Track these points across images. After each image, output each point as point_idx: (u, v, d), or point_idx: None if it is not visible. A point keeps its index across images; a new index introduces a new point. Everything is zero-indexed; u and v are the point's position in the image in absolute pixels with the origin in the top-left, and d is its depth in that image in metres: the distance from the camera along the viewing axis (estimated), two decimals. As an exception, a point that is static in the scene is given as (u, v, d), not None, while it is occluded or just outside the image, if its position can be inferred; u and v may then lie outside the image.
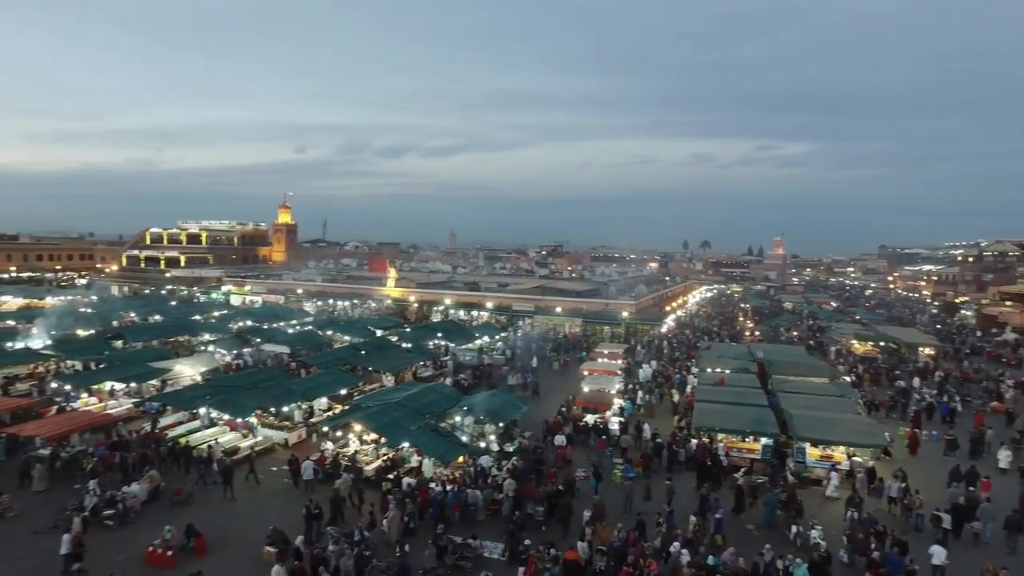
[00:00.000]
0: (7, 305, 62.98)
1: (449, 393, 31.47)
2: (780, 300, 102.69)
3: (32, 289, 77.11)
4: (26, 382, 35.58)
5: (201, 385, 32.92)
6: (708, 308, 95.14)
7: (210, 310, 61.00)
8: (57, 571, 17.24)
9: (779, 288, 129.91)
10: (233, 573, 17.84)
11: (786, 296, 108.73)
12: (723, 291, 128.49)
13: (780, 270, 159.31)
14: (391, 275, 76.61)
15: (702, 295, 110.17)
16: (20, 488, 22.91)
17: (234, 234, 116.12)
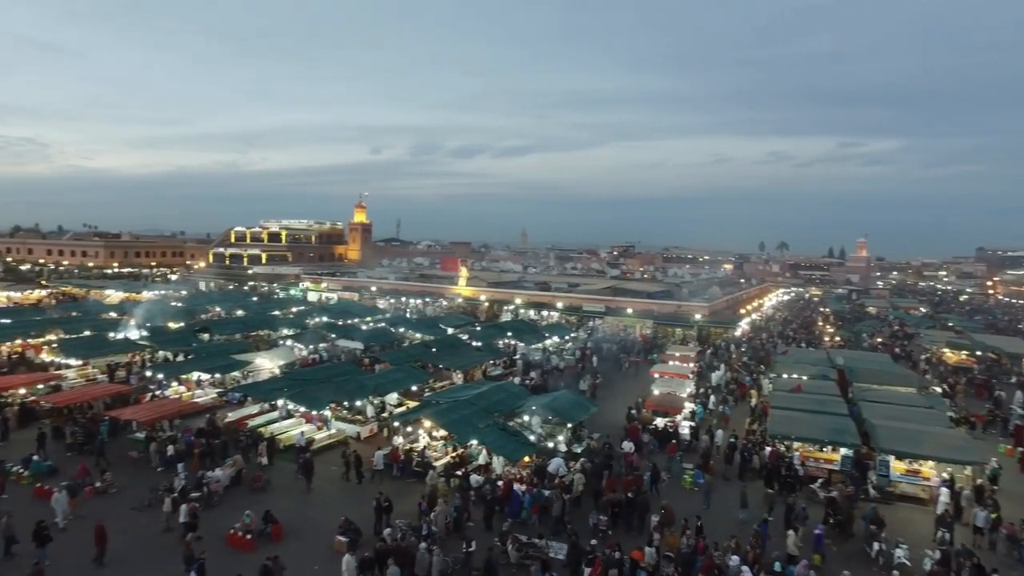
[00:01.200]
0: (111, 298, 67.46)
1: (518, 392, 31.58)
2: (863, 304, 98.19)
3: (131, 284, 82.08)
4: (124, 370, 37.94)
5: (279, 378, 34.27)
6: (785, 312, 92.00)
7: (288, 306, 63.39)
8: (154, 544, 18.94)
9: (862, 292, 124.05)
10: (307, 560, 18.45)
11: (870, 300, 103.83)
12: (801, 294, 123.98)
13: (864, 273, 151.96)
14: (463, 274, 77.57)
15: (779, 298, 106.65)
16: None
17: (312, 233, 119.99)
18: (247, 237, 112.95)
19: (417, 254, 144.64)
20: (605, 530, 20.34)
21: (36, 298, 69.22)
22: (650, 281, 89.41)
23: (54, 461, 24.73)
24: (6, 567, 17.61)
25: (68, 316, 50.70)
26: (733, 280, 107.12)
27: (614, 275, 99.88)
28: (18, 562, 17.72)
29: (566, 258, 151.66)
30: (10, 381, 33.34)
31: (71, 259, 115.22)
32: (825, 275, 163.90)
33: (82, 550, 18.24)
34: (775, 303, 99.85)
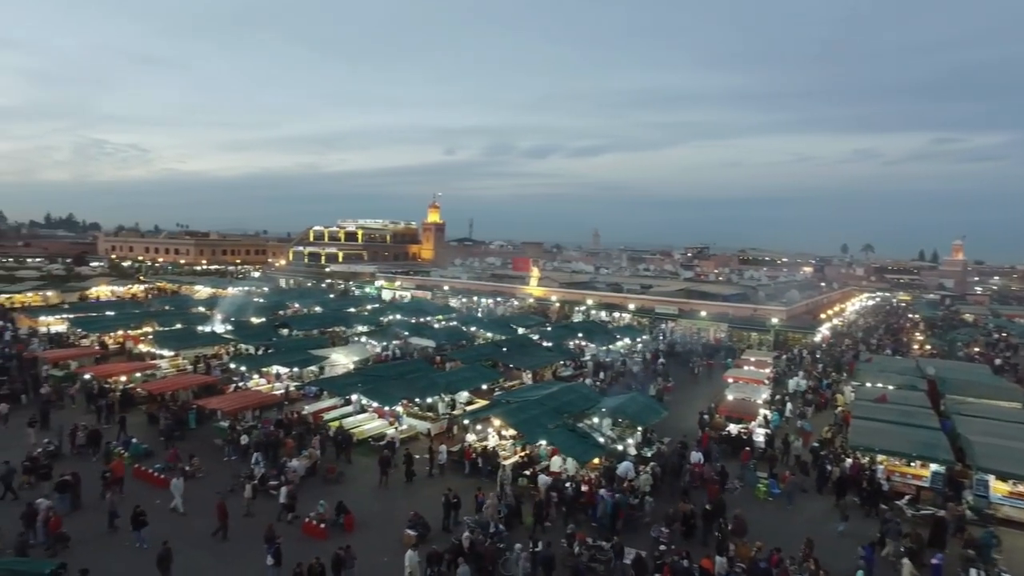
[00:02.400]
0: (199, 293, 71.19)
1: (588, 393, 31.39)
2: (958, 311, 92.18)
3: (217, 280, 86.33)
4: (211, 361, 39.94)
5: (354, 373, 35.29)
6: (869, 317, 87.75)
7: (364, 304, 65.17)
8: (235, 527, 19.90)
9: (957, 298, 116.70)
10: (377, 551, 18.94)
11: (966, 307, 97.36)
12: (888, 299, 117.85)
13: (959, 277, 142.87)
14: (534, 274, 77.71)
15: (863, 303, 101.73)
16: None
17: (387, 232, 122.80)
18: (325, 236, 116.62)
19: (489, 254, 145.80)
20: (668, 543, 19.36)
21: (135, 292, 73.80)
22: (725, 283, 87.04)
23: (149, 444, 26.39)
24: (110, 540, 18.89)
25: (162, 310, 53.89)
26: (813, 283, 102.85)
27: (688, 277, 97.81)
28: (120, 537, 19.03)
29: (639, 259, 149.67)
30: (113, 369, 35.80)
31: (165, 256, 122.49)
32: (915, 279, 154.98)
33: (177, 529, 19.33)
34: (859, 308, 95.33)
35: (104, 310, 53.74)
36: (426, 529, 19.76)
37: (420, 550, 17.88)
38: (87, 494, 21.62)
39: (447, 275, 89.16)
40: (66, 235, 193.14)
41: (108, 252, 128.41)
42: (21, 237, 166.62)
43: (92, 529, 19.53)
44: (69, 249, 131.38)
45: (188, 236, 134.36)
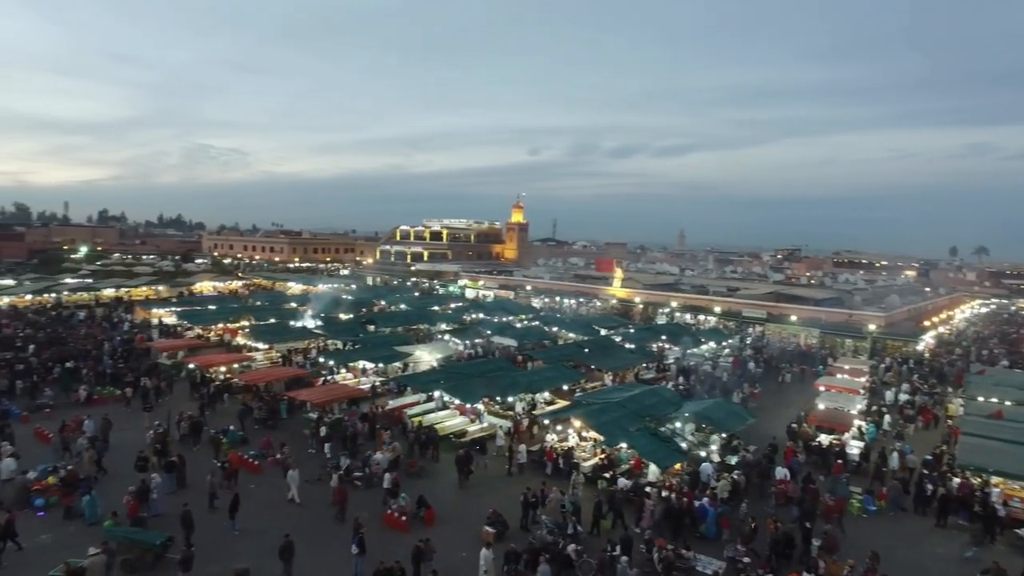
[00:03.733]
0: (292, 290, 74.44)
1: (670, 397, 30.74)
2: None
3: (308, 277, 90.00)
4: (301, 355, 41.65)
5: (437, 370, 35.91)
6: (982, 326, 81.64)
7: (447, 302, 66.29)
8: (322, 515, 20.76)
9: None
10: (455, 546, 19.16)
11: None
12: (1005, 307, 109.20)
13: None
14: (617, 275, 76.76)
15: (974, 310, 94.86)
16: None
17: (471, 232, 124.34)
18: (411, 235, 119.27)
19: (572, 254, 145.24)
20: (746, 566, 18.05)
21: (233, 288, 78.04)
22: (818, 287, 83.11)
23: (245, 432, 27.79)
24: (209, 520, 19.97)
25: (257, 305, 56.63)
26: (916, 288, 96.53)
27: (777, 280, 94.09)
28: (218, 517, 20.15)
29: (725, 261, 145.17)
30: (213, 359, 37.92)
31: (261, 254, 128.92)
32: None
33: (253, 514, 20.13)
34: (969, 316, 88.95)
35: (206, 304, 57.24)
36: (504, 527, 19.85)
37: (497, 548, 17.96)
38: (190, 476, 23.01)
39: (530, 275, 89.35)
40: (175, 234, 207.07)
41: (211, 250, 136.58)
42: (138, 236, 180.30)
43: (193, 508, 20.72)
44: (178, 247, 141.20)
45: (283, 235, 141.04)
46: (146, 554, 17.35)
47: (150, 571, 17.23)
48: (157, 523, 19.62)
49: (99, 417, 27.20)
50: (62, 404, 31.13)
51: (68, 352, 39.29)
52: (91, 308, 60.41)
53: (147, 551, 17.38)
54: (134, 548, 17.38)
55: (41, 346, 41.05)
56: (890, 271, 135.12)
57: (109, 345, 42.21)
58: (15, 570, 17.15)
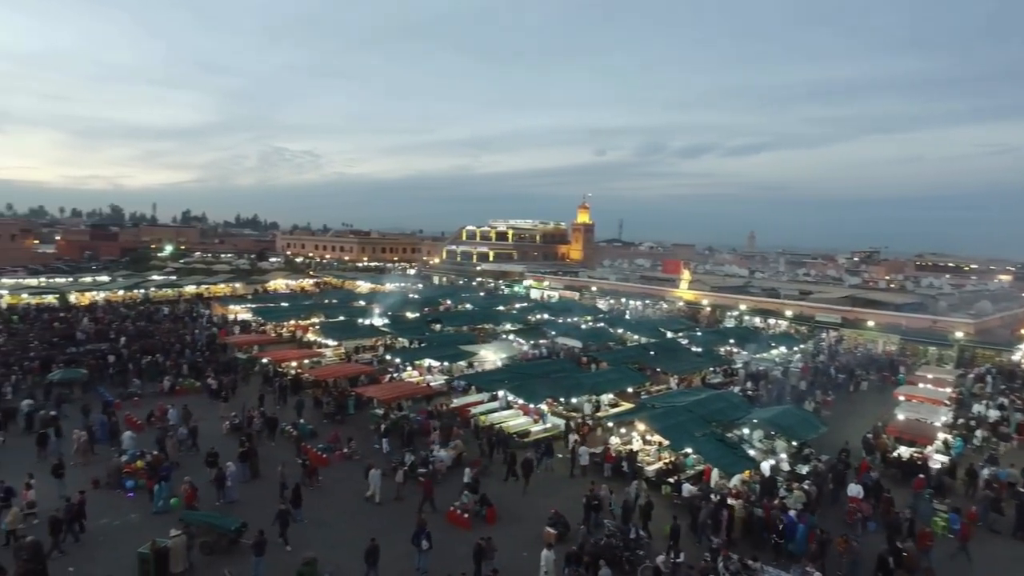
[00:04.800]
0: (360, 288, 76.31)
1: (738, 403, 29.94)
2: None
3: (376, 276, 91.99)
4: (368, 352, 42.62)
5: (501, 370, 36.06)
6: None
7: (512, 302, 66.48)
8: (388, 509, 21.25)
9: None
10: (516, 545, 19.25)
11: None
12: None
13: None
14: (685, 277, 75.31)
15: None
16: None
17: (536, 232, 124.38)
18: (477, 235, 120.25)
19: (639, 255, 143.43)
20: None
21: (305, 286, 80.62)
22: (898, 291, 79.22)
23: (314, 425, 28.65)
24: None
25: (327, 303, 58.26)
26: (1011, 294, 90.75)
27: (854, 283, 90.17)
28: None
29: (798, 263, 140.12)
30: (285, 355, 39.26)
31: (331, 253, 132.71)
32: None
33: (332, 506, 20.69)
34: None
35: (279, 301, 59.32)
36: (566, 528, 19.77)
37: (558, 549, 17.89)
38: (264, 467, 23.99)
39: (595, 276, 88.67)
40: (251, 233, 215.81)
41: (284, 249, 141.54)
42: (217, 235, 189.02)
43: (265, 496, 21.56)
44: (253, 246, 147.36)
45: (352, 234, 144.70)
46: (222, 538, 18.27)
47: (225, 554, 18.07)
48: (231, 509, 20.49)
49: (181, 406, 28.69)
50: (148, 393, 33.02)
51: (153, 345, 41.63)
52: (174, 304, 63.59)
53: (223, 535, 18.29)
54: (211, 532, 18.32)
55: (131, 339, 43.59)
56: (981, 275, 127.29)
57: (191, 339, 44.43)
58: (111, 545, 18.30)
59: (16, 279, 69.74)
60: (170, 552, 16.71)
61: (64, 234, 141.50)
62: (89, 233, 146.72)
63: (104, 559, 17.43)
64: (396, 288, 72.76)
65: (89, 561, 17.36)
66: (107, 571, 15.41)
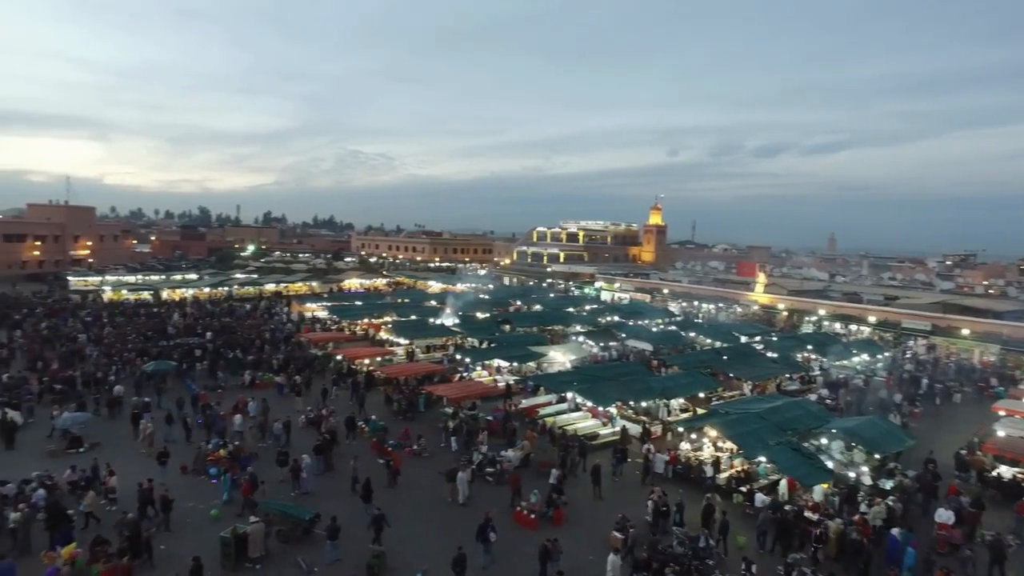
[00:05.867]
0: (432, 288, 77.57)
1: (816, 411, 28.74)
2: None
3: (448, 276, 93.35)
4: (439, 351, 43.24)
5: (570, 372, 35.89)
6: None
7: (582, 304, 66.06)
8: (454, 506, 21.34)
9: None
10: (582, 549, 19.07)
11: None
12: None
13: None
14: (760, 280, 73.08)
15: None
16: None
17: (607, 234, 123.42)
18: (547, 236, 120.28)
19: (712, 257, 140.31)
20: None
21: (378, 285, 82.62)
22: (998, 297, 74.36)
23: (385, 422, 29.27)
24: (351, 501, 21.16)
25: (399, 302, 59.49)
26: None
27: (946, 288, 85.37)
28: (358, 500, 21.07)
29: (882, 267, 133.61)
30: (359, 352, 40.30)
31: (404, 253, 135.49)
32: None
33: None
34: None
35: (354, 300, 60.97)
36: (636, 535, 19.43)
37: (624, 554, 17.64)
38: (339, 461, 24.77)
39: (667, 278, 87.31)
40: (328, 234, 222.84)
41: (359, 249, 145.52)
42: (296, 236, 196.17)
43: (338, 489, 22.21)
44: (329, 246, 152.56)
45: (424, 235, 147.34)
46: (296, 527, 18.95)
47: (299, 543, 18.71)
48: (305, 500, 21.17)
49: (260, 399, 29.92)
50: (231, 386, 34.60)
51: (236, 340, 43.59)
52: (255, 301, 66.35)
53: (297, 525, 18.98)
54: (287, 521, 19.04)
55: (216, 334, 45.75)
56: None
57: (269, 335, 46.28)
58: (196, 527, 19.34)
59: (117, 276, 74.61)
60: (249, 537, 17.56)
61: (158, 234, 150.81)
62: (180, 233, 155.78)
63: (191, 540, 18.37)
64: (467, 288, 73.54)
65: (178, 541, 18.35)
66: (193, 551, 16.28)
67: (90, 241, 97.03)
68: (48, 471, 21.30)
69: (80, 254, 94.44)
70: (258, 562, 17.57)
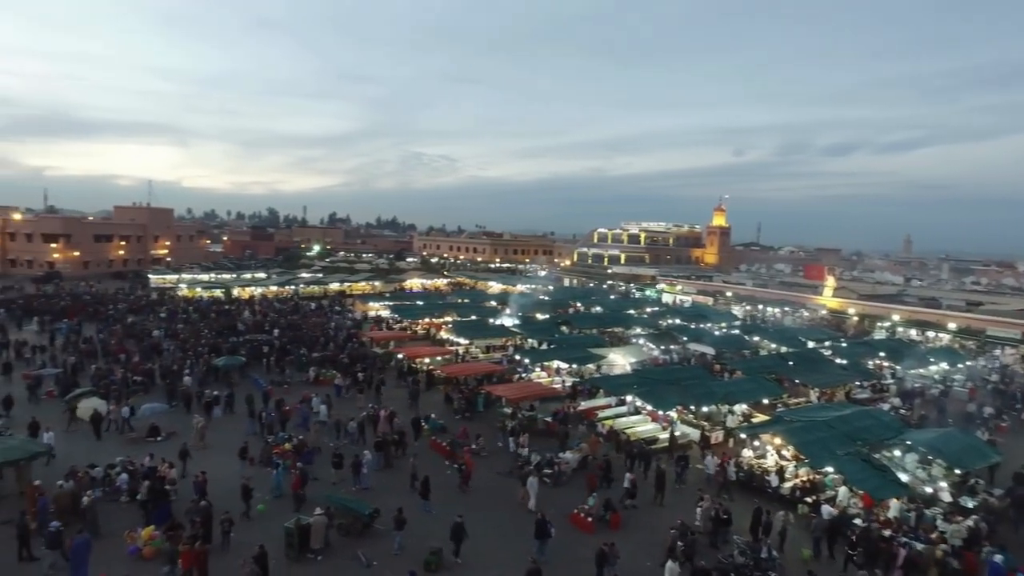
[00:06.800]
0: (492, 289, 78.08)
1: (889, 421, 27.49)
2: None
3: (508, 277, 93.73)
4: (498, 352, 43.47)
5: (630, 375, 35.49)
6: None
7: (643, 306, 65.22)
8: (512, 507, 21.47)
9: None
10: (639, 554, 18.81)
11: None
12: None
13: None
14: (829, 283, 70.52)
15: None
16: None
17: (669, 235, 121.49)
18: (608, 238, 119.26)
19: (777, 260, 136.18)
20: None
21: (439, 285, 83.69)
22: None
23: (444, 421, 29.62)
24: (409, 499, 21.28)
25: (460, 302, 60.08)
26: None
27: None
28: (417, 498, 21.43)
29: (964, 270, 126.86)
30: (419, 351, 40.90)
31: (465, 254, 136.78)
32: None
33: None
34: None
35: (415, 300, 61.92)
36: (692, 541, 19.04)
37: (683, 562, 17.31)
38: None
39: (731, 281, 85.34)
40: (390, 234, 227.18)
41: (420, 249, 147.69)
42: (359, 236, 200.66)
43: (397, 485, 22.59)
44: (392, 246, 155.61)
45: (485, 236, 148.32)
46: (356, 521, 19.39)
47: (359, 536, 19.15)
48: (365, 495, 21.60)
49: (323, 396, 30.71)
50: (296, 382, 35.64)
51: (301, 337, 44.90)
52: (320, 300, 68.17)
53: (358, 519, 19.41)
54: (348, 515, 19.50)
55: (282, 331, 47.22)
56: None
57: (333, 333, 47.49)
58: (266, 519, 19.95)
59: (192, 274, 78.11)
60: (311, 529, 18.09)
61: (229, 235, 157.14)
62: (250, 234, 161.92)
63: (257, 529, 19.03)
64: (527, 290, 73.69)
65: (246, 529, 18.98)
66: (259, 539, 16.90)
67: (168, 241, 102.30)
68: (130, 457, 22.59)
69: (159, 253, 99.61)
70: (319, 553, 18.04)
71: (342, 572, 17.49)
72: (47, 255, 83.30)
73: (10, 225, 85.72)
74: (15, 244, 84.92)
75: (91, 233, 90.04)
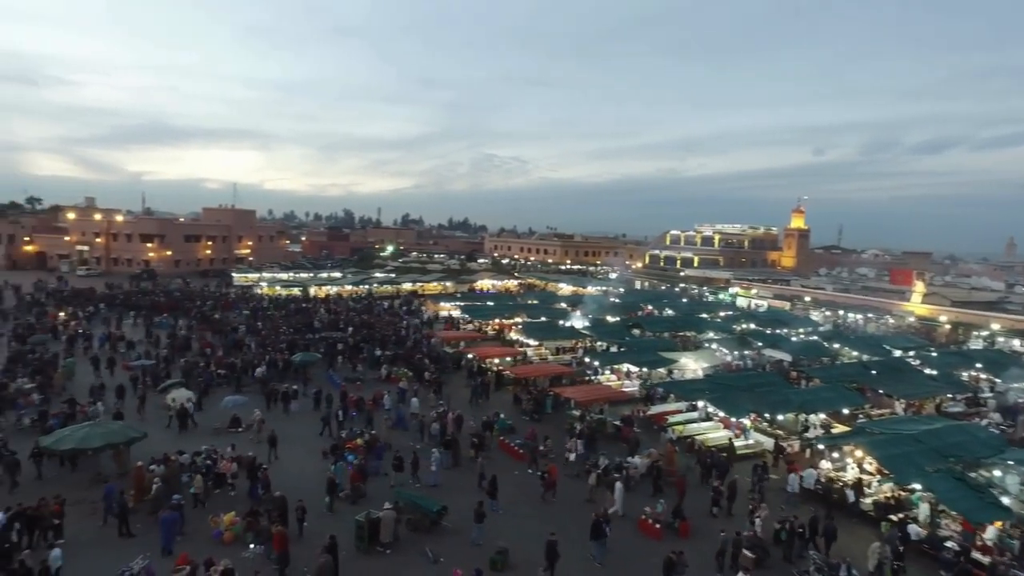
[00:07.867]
0: (562, 290, 77.91)
1: (987, 438, 25.63)
2: None
3: (579, 278, 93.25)
4: (568, 354, 43.29)
5: (702, 380, 34.60)
6: None
7: (716, 310, 63.52)
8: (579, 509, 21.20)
9: None
10: (708, 566, 18.24)
11: None
12: None
13: None
14: (918, 289, 66.89)
15: None
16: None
17: (745, 238, 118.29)
18: (681, 240, 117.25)
19: (860, 263, 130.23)
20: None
21: (509, 286, 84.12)
22: None
23: (512, 421, 29.70)
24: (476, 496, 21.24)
25: (530, 304, 60.17)
26: None
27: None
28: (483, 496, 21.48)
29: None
30: (490, 351, 41.21)
31: (535, 255, 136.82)
32: None
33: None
34: None
35: (486, 300, 62.40)
36: (765, 554, 18.41)
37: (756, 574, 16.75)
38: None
39: (810, 285, 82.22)
40: (462, 235, 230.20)
41: (491, 250, 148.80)
42: (432, 237, 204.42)
43: (464, 483, 22.82)
44: (463, 247, 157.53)
45: (555, 237, 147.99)
46: (424, 518, 19.71)
47: (427, 532, 19.46)
48: (433, 493, 21.89)
49: (395, 393, 31.36)
50: (369, 379, 36.51)
51: (374, 336, 46.01)
52: (392, 299, 69.67)
53: (426, 515, 19.73)
54: (417, 511, 19.85)
55: (356, 329, 48.52)
56: None
57: (404, 333, 48.44)
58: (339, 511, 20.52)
59: (272, 273, 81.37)
60: (381, 523, 18.51)
61: (307, 235, 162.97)
62: (326, 234, 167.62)
63: (329, 520, 19.60)
64: (597, 292, 73.12)
65: (318, 520, 19.50)
66: (332, 530, 17.44)
67: (251, 241, 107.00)
68: (213, 446, 23.72)
69: (242, 252, 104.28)
70: (388, 547, 18.40)
71: (409, 567, 17.76)
72: (144, 254, 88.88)
73: (114, 226, 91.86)
74: (117, 244, 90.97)
75: (182, 233, 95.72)
